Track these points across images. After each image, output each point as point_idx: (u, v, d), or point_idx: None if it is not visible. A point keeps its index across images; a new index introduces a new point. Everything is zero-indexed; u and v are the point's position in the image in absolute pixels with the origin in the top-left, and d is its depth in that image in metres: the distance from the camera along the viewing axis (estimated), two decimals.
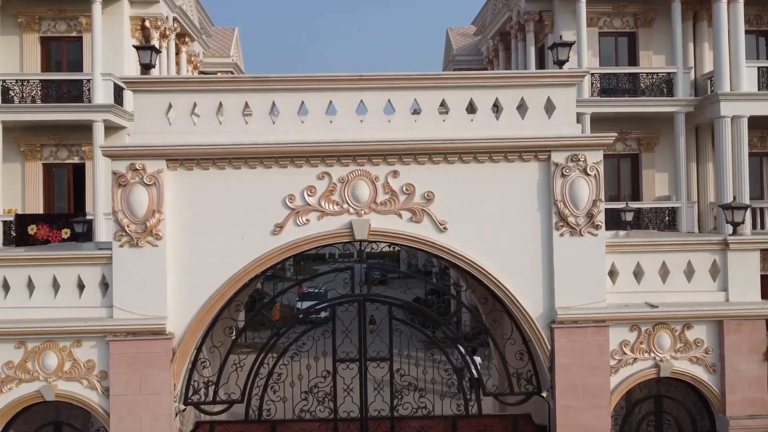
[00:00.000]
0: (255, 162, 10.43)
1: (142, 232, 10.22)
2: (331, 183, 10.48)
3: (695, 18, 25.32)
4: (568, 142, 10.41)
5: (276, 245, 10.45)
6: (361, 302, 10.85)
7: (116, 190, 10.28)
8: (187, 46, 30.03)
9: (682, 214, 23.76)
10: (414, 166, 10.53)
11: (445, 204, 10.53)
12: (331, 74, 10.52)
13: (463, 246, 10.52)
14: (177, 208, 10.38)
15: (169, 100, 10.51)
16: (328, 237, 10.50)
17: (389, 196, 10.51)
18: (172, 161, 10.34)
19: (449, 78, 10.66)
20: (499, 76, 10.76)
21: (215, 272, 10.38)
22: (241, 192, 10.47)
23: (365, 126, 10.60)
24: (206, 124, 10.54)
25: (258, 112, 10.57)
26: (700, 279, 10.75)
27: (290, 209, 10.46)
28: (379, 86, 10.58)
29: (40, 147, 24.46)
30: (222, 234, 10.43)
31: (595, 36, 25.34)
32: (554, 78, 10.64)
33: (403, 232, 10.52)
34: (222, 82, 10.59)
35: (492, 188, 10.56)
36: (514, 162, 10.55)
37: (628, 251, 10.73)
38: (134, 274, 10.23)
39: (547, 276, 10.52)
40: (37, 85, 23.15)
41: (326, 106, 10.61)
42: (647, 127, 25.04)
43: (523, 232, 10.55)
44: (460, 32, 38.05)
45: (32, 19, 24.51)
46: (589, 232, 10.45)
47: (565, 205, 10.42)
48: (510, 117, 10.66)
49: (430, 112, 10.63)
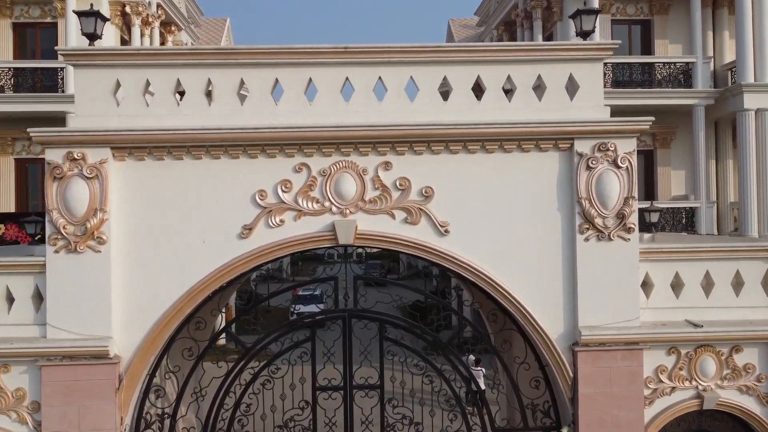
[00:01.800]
0: (219, 151, 8.69)
1: (81, 235, 8.49)
2: (311, 176, 8.75)
3: (714, 5, 23.60)
4: (594, 127, 8.68)
5: (244, 251, 8.71)
6: (346, 319, 9.10)
7: (50, 184, 8.57)
8: (173, 35, 28.31)
9: (701, 215, 22.06)
10: (409, 157, 8.79)
11: (446, 202, 8.79)
12: (311, 46, 8.75)
13: (467, 252, 8.78)
14: (124, 206, 8.65)
15: (117, 77, 8.78)
16: (307, 241, 8.77)
17: (380, 193, 8.78)
18: (118, 149, 8.61)
19: (452, 51, 8.90)
20: (511, 49, 9.00)
21: (171, 283, 8.65)
22: (203, 187, 8.74)
23: (351, 109, 8.85)
24: (161, 106, 8.80)
25: (223, 92, 8.83)
26: (750, 293, 9.01)
27: (261, 208, 8.72)
28: (368, 60, 8.82)
29: (12, 141, 22.83)
30: (179, 237, 8.70)
31: (608, 24, 23.61)
32: (577, 51, 8.90)
33: (397, 235, 8.78)
34: (180, 55, 8.85)
35: (503, 183, 8.82)
36: (529, 151, 8.80)
37: (666, 259, 8.98)
38: (72, 286, 8.49)
39: (569, 289, 8.78)
40: (8, 73, 21.51)
41: (305, 84, 8.87)
42: (663, 122, 23.27)
43: (541, 235, 8.80)
44: (462, 23, 36.33)
45: (4, 4, 22.90)
46: (619, 236, 8.71)
47: (591, 204, 8.68)
48: (524, 98, 8.91)
49: (429, 91, 8.88)
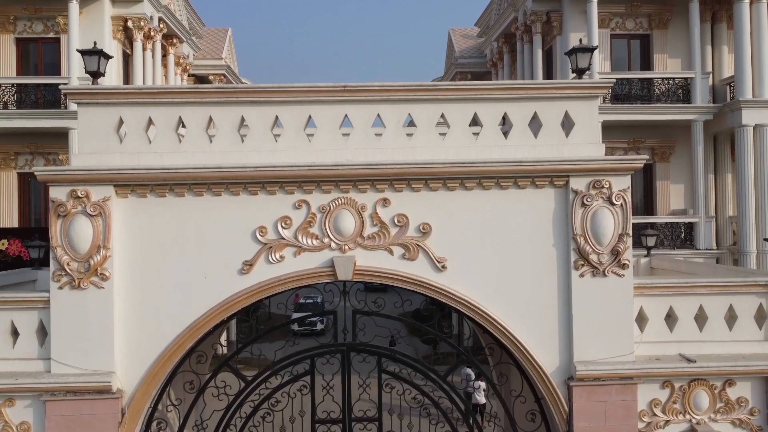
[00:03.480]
0: (220, 188, 8.84)
1: (84, 272, 8.63)
2: (310, 213, 8.89)
3: (713, 19, 23.73)
4: (589, 165, 8.82)
5: (244, 286, 8.85)
6: (345, 353, 9.24)
7: (55, 221, 8.71)
8: (175, 47, 28.47)
9: (699, 230, 22.20)
10: (407, 194, 8.93)
11: (444, 238, 8.93)
12: (310, 85, 8.91)
13: (465, 288, 8.92)
14: (127, 243, 8.80)
15: (120, 114, 8.93)
16: (306, 277, 8.91)
17: (378, 229, 8.92)
18: (121, 187, 8.76)
19: (449, 89, 9.05)
20: (507, 87, 9.14)
21: (172, 318, 8.79)
22: (204, 223, 8.88)
23: (350, 145, 9.00)
24: (163, 143, 8.95)
25: (224, 129, 8.98)
26: (743, 327, 9.14)
27: (261, 244, 8.87)
28: (367, 98, 8.98)
29: (15, 155, 23.01)
30: (181, 273, 8.84)
31: (607, 38, 23.77)
32: (573, 90, 9.04)
33: (395, 271, 8.91)
34: (182, 93, 9.00)
35: (499, 219, 8.96)
36: (525, 188, 8.94)
37: (660, 294, 9.11)
38: (76, 321, 8.64)
39: (565, 324, 8.91)
40: (11, 89, 21.68)
41: (304, 121, 9.02)
42: (662, 136, 23.46)
43: (537, 271, 8.94)
44: (463, 33, 36.45)
45: (7, 20, 23.03)
46: (614, 272, 8.84)
47: (587, 240, 8.81)
48: (521, 135, 9.05)
49: (427, 129, 9.02)
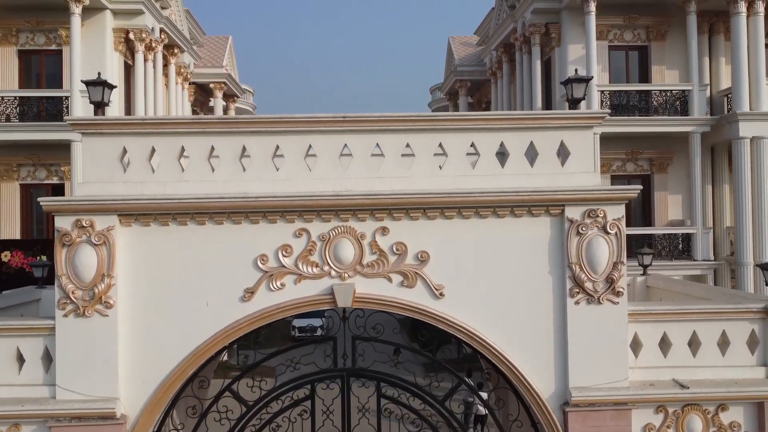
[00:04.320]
0: (222, 217, 9.01)
1: (89, 300, 8.80)
2: (310, 241, 9.05)
3: (711, 31, 23.90)
4: (584, 195, 8.98)
5: (246, 313, 9.02)
6: (344, 378, 9.41)
7: (60, 250, 8.87)
8: (176, 57, 28.64)
9: (697, 241, 22.34)
10: (406, 222, 9.10)
11: (441, 266, 9.10)
12: (310, 116, 9.08)
13: (462, 315, 9.08)
14: (131, 271, 8.96)
15: (123, 144, 9.09)
16: (307, 304, 9.08)
17: (377, 257, 9.08)
18: (125, 216, 8.92)
19: (447, 120, 9.22)
20: (504, 118, 9.31)
21: (175, 345, 8.96)
22: (206, 251, 9.05)
23: (349, 174, 9.17)
24: (165, 172, 9.11)
25: (226, 158, 9.15)
26: (736, 352, 9.30)
27: (263, 272, 9.03)
28: (366, 128, 9.15)
29: (17, 167, 23.19)
30: (183, 300, 9.01)
31: (605, 50, 23.93)
32: (568, 120, 9.20)
33: (394, 298, 9.08)
34: (185, 124, 9.17)
35: (496, 247, 9.12)
36: (521, 217, 9.11)
37: (654, 320, 9.28)
38: (80, 349, 8.81)
39: (561, 350, 9.08)
40: (14, 102, 21.82)
41: (304, 151, 9.18)
42: (660, 147, 23.62)
43: (533, 298, 9.10)
44: (462, 41, 36.61)
45: (9, 32, 23.19)
46: (608, 299, 9.01)
47: (582, 269, 8.98)
48: (517, 164, 9.22)
49: (425, 158, 9.19)
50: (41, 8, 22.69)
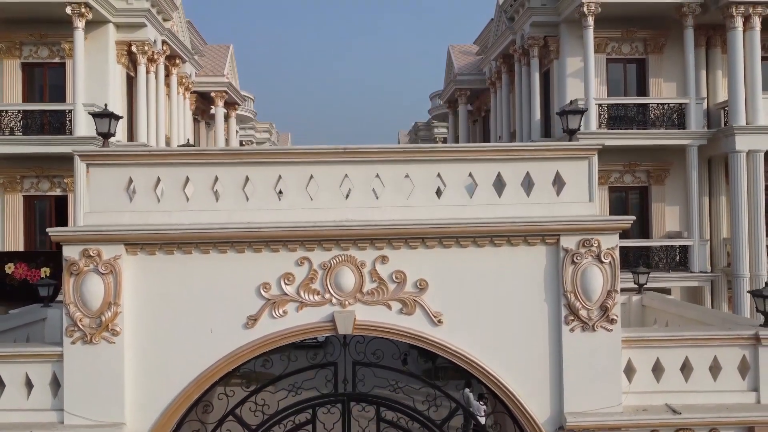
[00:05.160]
0: (225, 246, 9.24)
1: (96, 327, 9.03)
2: (312, 270, 9.28)
3: (708, 44, 24.14)
4: (579, 225, 9.20)
5: (249, 340, 9.25)
6: (345, 402, 9.64)
7: (68, 279, 9.09)
8: (177, 68, 28.89)
9: (694, 253, 22.56)
10: (405, 251, 9.32)
11: (439, 293, 9.33)
12: (312, 148, 9.32)
13: (460, 341, 9.31)
14: (137, 299, 9.19)
15: (130, 175, 9.33)
16: (308, 331, 9.31)
17: (377, 285, 9.31)
18: (131, 246, 9.16)
19: (445, 151, 9.45)
20: (501, 149, 9.54)
21: (180, 371, 9.19)
22: (210, 280, 9.27)
23: (350, 203, 9.40)
24: (170, 202, 9.34)
25: (229, 188, 9.37)
26: (727, 377, 9.52)
27: (265, 299, 9.26)
28: (366, 159, 9.37)
29: (21, 178, 23.41)
30: (188, 327, 9.24)
31: (603, 62, 24.19)
32: (564, 151, 9.43)
33: (393, 325, 9.31)
34: (189, 155, 9.40)
35: (493, 276, 9.35)
36: (518, 246, 9.34)
37: (647, 346, 9.50)
38: (88, 375, 9.04)
39: (556, 376, 9.31)
40: (18, 115, 22.03)
41: (306, 181, 9.41)
42: (657, 159, 23.85)
43: (529, 325, 9.33)
44: (462, 50, 36.86)
45: (13, 45, 23.45)
46: (602, 327, 9.24)
47: (576, 297, 9.21)
48: (514, 194, 9.44)
49: (424, 188, 9.41)
50: (45, 21, 22.95)
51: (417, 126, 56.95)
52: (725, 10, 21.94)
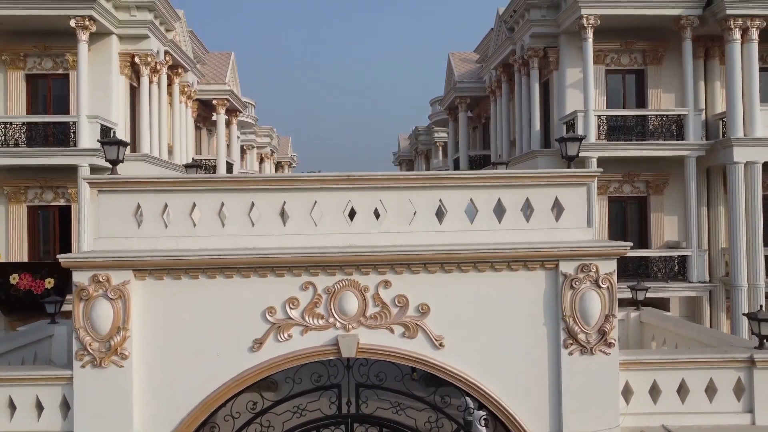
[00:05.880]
0: (232, 271, 9.43)
1: (105, 351, 9.23)
2: (316, 294, 9.48)
3: (706, 55, 24.36)
4: (577, 251, 9.40)
5: (254, 363, 9.45)
6: (349, 424, 9.85)
7: (77, 304, 9.28)
8: (180, 77, 29.11)
9: (692, 263, 22.76)
10: (407, 276, 9.52)
11: (441, 317, 9.53)
12: (317, 175, 9.52)
13: (461, 364, 9.51)
14: (145, 323, 9.39)
15: (138, 201, 9.53)
16: (313, 354, 9.50)
17: (380, 309, 9.51)
18: (140, 271, 9.35)
19: (447, 178, 9.66)
20: (501, 176, 9.75)
21: (187, 394, 9.38)
22: (217, 304, 9.47)
23: (353, 229, 9.60)
24: (178, 227, 9.54)
25: (235, 214, 9.58)
26: (723, 399, 9.72)
27: (270, 323, 9.46)
28: (369, 186, 9.58)
29: (25, 189, 23.62)
30: (195, 351, 9.43)
31: (602, 73, 24.43)
32: (563, 178, 9.64)
33: (396, 348, 9.51)
34: (196, 182, 9.60)
35: (493, 300, 9.55)
36: (517, 271, 9.53)
37: (644, 369, 9.71)
38: (97, 398, 9.23)
39: (555, 398, 9.51)
40: (21, 127, 22.23)
41: (311, 207, 9.61)
42: (656, 169, 24.06)
43: (529, 349, 9.53)
44: (462, 57, 37.07)
45: (17, 57, 23.68)
46: (601, 350, 9.44)
47: (575, 321, 9.41)
48: (513, 219, 9.65)
49: (426, 214, 9.62)
50: (48, 33, 23.17)
51: (417, 130, 57.22)
52: (723, 23, 22.15)
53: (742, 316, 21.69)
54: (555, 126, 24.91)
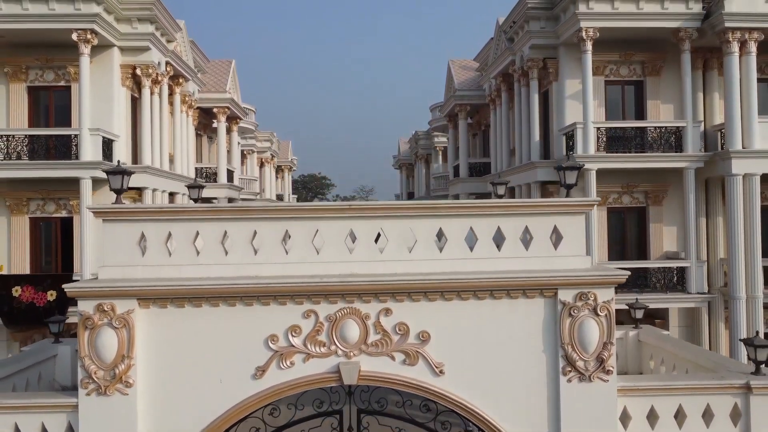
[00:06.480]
0: (235, 299, 9.56)
1: (110, 379, 9.35)
2: (318, 322, 9.61)
3: (705, 66, 24.47)
4: (576, 279, 9.53)
5: (257, 390, 9.57)
6: None
7: (82, 332, 9.40)
8: (181, 86, 29.25)
9: (691, 274, 22.87)
10: (408, 303, 9.65)
11: (441, 344, 9.65)
12: (318, 205, 9.66)
13: (461, 391, 9.64)
14: (149, 351, 9.51)
15: (142, 230, 9.65)
16: (314, 381, 9.62)
17: (381, 337, 9.63)
18: (144, 300, 9.48)
19: (447, 207, 9.78)
20: (500, 205, 9.88)
21: (191, 421, 9.50)
22: (220, 331, 9.60)
23: (355, 257, 9.72)
24: (182, 256, 9.67)
25: (238, 242, 9.70)
26: (720, 424, 9.84)
27: (273, 351, 9.58)
28: (370, 215, 9.70)
29: (27, 201, 23.76)
30: (199, 378, 9.55)
31: (601, 84, 24.54)
32: (561, 207, 9.76)
33: (396, 375, 9.63)
34: (200, 212, 9.73)
35: (493, 327, 9.67)
36: (517, 298, 9.66)
37: (641, 395, 9.83)
38: (102, 425, 9.35)
39: (554, 425, 9.62)
40: (24, 140, 22.36)
41: (312, 235, 9.73)
42: (655, 180, 24.18)
43: (528, 376, 9.66)
44: (462, 65, 37.19)
45: (19, 69, 23.81)
46: (599, 377, 9.57)
47: (573, 348, 9.53)
48: (513, 248, 9.77)
49: (426, 242, 9.75)
50: (50, 45, 23.31)
51: (417, 135, 57.32)
52: (722, 36, 22.26)
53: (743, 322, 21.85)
54: (554, 137, 25.03)
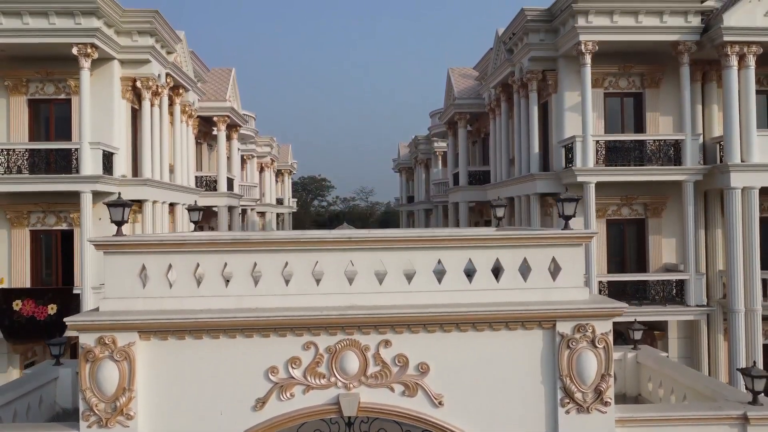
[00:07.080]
0: (235, 332, 9.61)
1: (111, 412, 9.41)
2: (318, 354, 9.66)
3: (704, 79, 24.52)
4: (574, 312, 9.59)
5: (257, 422, 9.63)
6: None
7: (83, 365, 9.47)
8: (181, 97, 29.28)
9: (690, 286, 22.92)
10: (407, 335, 9.70)
11: (440, 376, 9.71)
12: (318, 236, 9.71)
13: (460, 422, 9.70)
14: (150, 383, 9.57)
15: (143, 262, 9.71)
16: (314, 413, 9.69)
17: (380, 368, 9.69)
18: (145, 333, 9.53)
19: (446, 239, 9.84)
20: (499, 237, 9.94)
21: None
22: (220, 363, 9.65)
23: (354, 289, 9.78)
24: (182, 287, 9.73)
25: (238, 274, 9.76)
26: None
27: (273, 383, 9.64)
28: (370, 247, 9.76)
29: (27, 213, 23.79)
30: (199, 410, 9.61)
31: (601, 96, 24.59)
32: (560, 239, 9.81)
33: (396, 407, 9.69)
34: (200, 244, 9.78)
35: (492, 358, 9.73)
36: (515, 330, 9.72)
37: (639, 425, 9.89)
38: None
39: None
40: (24, 154, 22.38)
41: (312, 267, 9.79)
42: (654, 192, 24.22)
43: (526, 407, 9.72)
44: (462, 73, 37.22)
45: (19, 82, 23.84)
46: (597, 409, 9.63)
47: (572, 380, 9.59)
48: (511, 279, 9.83)
49: (425, 273, 9.81)
50: (50, 59, 23.35)
51: (417, 139, 57.37)
52: (720, 49, 22.31)
53: (741, 335, 21.91)
54: (554, 148, 25.07)
